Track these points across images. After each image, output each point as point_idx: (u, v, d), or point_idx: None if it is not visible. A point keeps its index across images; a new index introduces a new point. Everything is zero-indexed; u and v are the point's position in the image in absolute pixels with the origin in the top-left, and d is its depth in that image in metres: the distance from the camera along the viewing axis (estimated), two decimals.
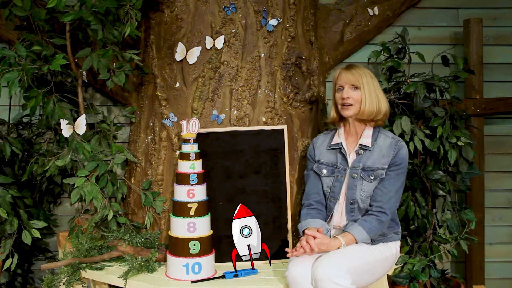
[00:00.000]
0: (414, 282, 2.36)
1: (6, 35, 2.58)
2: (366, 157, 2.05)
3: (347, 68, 2.08)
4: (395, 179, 2.02)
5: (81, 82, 2.39)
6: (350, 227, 1.99)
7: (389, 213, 2.00)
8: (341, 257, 1.86)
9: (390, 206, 2.01)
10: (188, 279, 2.04)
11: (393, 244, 2.10)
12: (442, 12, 2.88)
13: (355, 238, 1.95)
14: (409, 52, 2.50)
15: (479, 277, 2.80)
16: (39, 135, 2.63)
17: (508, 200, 2.93)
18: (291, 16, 2.43)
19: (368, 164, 2.04)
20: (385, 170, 2.02)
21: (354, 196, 2.04)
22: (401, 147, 2.04)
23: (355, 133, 2.11)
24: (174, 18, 2.41)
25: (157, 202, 2.36)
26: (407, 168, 2.07)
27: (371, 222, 1.98)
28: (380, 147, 2.05)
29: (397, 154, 2.02)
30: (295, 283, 1.85)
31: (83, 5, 2.09)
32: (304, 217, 2.09)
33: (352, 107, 2.03)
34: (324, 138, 2.21)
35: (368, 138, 2.07)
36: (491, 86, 2.86)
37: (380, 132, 2.09)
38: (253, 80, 2.37)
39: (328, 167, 2.13)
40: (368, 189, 2.03)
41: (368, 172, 2.03)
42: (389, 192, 2.01)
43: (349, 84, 2.04)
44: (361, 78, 2.03)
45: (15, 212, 2.31)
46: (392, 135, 2.11)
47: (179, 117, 2.38)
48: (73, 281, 2.11)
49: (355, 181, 2.04)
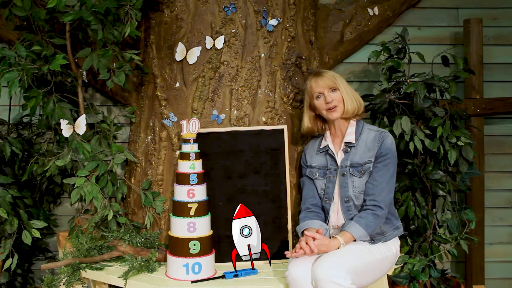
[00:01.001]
0: (414, 282, 2.36)
1: (6, 35, 2.58)
2: (352, 154, 2.08)
3: (318, 75, 2.13)
4: (383, 170, 2.03)
5: (81, 82, 2.39)
6: (347, 225, 2.00)
7: (383, 206, 2.01)
8: (340, 257, 1.87)
9: (383, 197, 2.02)
10: (188, 279, 2.04)
11: (393, 244, 2.10)
12: (442, 12, 2.88)
13: (353, 236, 1.96)
14: (409, 52, 2.50)
15: (479, 277, 2.80)
16: (39, 135, 2.63)
17: (508, 200, 2.92)
18: (291, 16, 2.43)
19: (355, 160, 2.07)
20: (372, 163, 2.04)
21: (347, 193, 2.06)
22: (385, 137, 2.06)
23: (340, 133, 2.15)
24: (174, 18, 2.41)
25: (157, 202, 2.36)
26: (396, 157, 2.08)
27: (367, 218, 1.99)
28: (364, 142, 2.08)
29: (382, 145, 2.05)
30: (295, 283, 1.85)
31: (83, 5, 2.09)
32: (302, 220, 2.11)
33: (338, 108, 2.08)
34: (313, 143, 2.26)
35: (352, 135, 2.11)
36: (491, 86, 2.86)
37: (363, 127, 2.13)
38: (253, 80, 2.37)
39: (320, 170, 2.16)
40: (360, 184, 2.05)
41: (357, 167, 2.06)
42: (379, 184, 2.02)
43: (328, 88, 2.09)
44: (335, 79, 2.10)
45: (15, 212, 2.31)
46: (376, 128, 2.14)
47: (179, 117, 2.38)
48: (73, 281, 2.11)
49: (346, 179, 2.07)
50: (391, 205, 2.10)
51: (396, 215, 2.16)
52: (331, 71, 2.17)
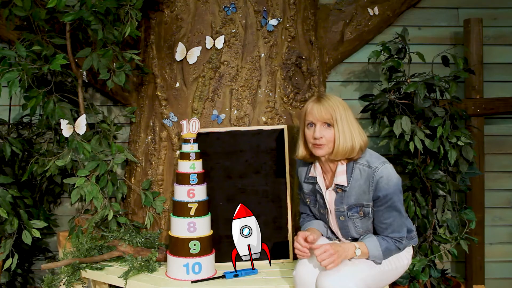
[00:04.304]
0: (414, 282, 2.36)
1: (6, 35, 2.58)
2: (347, 197, 1.86)
3: (319, 101, 1.84)
4: (391, 208, 1.82)
5: (81, 82, 2.39)
6: (366, 238, 1.86)
7: (404, 236, 1.86)
8: (349, 268, 1.77)
9: (402, 231, 1.85)
10: (188, 279, 2.04)
11: (405, 255, 1.95)
12: (442, 12, 2.88)
13: (369, 252, 1.82)
14: (409, 52, 2.50)
15: (479, 277, 2.80)
16: (39, 135, 2.63)
17: (508, 200, 2.92)
18: (291, 16, 2.43)
19: (351, 202, 1.86)
20: (370, 207, 1.84)
21: (349, 234, 1.92)
22: (379, 177, 1.80)
23: (329, 170, 1.92)
24: (174, 18, 2.41)
25: (157, 202, 2.36)
26: (397, 188, 1.82)
27: (389, 244, 1.84)
28: (358, 182, 1.84)
29: (377, 188, 1.80)
30: (303, 283, 1.83)
31: (83, 5, 2.09)
32: (302, 223, 2.09)
33: (324, 147, 1.82)
34: (304, 164, 2.03)
35: (343, 176, 1.86)
36: (491, 86, 2.86)
37: (355, 164, 1.85)
38: (253, 80, 2.37)
39: (311, 197, 2.01)
40: (363, 224, 1.88)
41: (356, 208, 1.86)
42: (393, 222, 1.83)
43: (322, 121, 1.82)
44: (335, 113, 1.80)
45: (15, 212, 2.31)
46: (368, 160, 1.85)
47: (179, 117, 2.38)
48: (73, 281, 2.11)
49: (346, 222, 1.90)
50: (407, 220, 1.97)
51: (409, 227, 1.96)
52: (337, 100, 1.85)
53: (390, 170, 1.82)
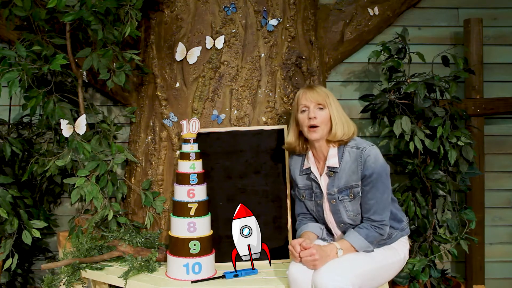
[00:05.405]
0: (414, 282, 2.36)
1: (6, 35, 2.58)
2: (338, 179, 1.95)
3: (310, 88, 1.98)
4: (373, 190, 1.90)
5: (81, 82, 2.39)
6: (346, 234, 1.94)
7: (385, 221, 1.92)
8: (343, 265, 1.80)
9: (383, 214, 1.91)
10: (188, 279, 2.04)
11: (401, 249, 2.00)
12: (442, 12, 2.88)
13: (352, 245, 1.88)
14: (409, 52, 2.50)
15: (479, 277, 2.80)
16: (39, 135, 2.63)
17: (508, 200, 2.93)
18: (291, 16, 2.43)
19: (342, 184, 1.94)
20: (359, 187, 1.92)
21: (341, 219, 1.99)
22: (367, 156, 1.90)
23: (322, 155, 2.01)
24: (174, 18, 2.41)
25: (157, 202, 2.36)
26: (383, 170, 1.91)
27: (368, 229, 1.91)
28: (348, 164, 1.93)
29: (364, 166, 1.90)
30: (296, 283, 1.85)
31: (83, 5, 2.09)
32: (298, 226, 2.11)
33: (318, 129, 1.92)
34: (296, 160, 2.13)
35: (334, 158, 1.96)
36: (491, 86, 2.86)
37: (345, 147, 1.96)
38: (253, 80, 2.37)
39: (306, 191, 2.07)
40: (353, 207, 1.95)
41: (345, 191, 1.94)
42: (375, 204, 1.91)
43: (315, 103, 1.93)
44: (327, 97, 1.94)
45: (15, 212, 2.31)
46: (357, 143, 1.96)
47: (179, 117, 2.38)
48: (73, 281, 2.11)
49: (337, 205, 1.97)
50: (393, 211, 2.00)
51: (399, 216, 2.03)
52: (326, 89, 2.00)
53: (378, 151, 1.93)
